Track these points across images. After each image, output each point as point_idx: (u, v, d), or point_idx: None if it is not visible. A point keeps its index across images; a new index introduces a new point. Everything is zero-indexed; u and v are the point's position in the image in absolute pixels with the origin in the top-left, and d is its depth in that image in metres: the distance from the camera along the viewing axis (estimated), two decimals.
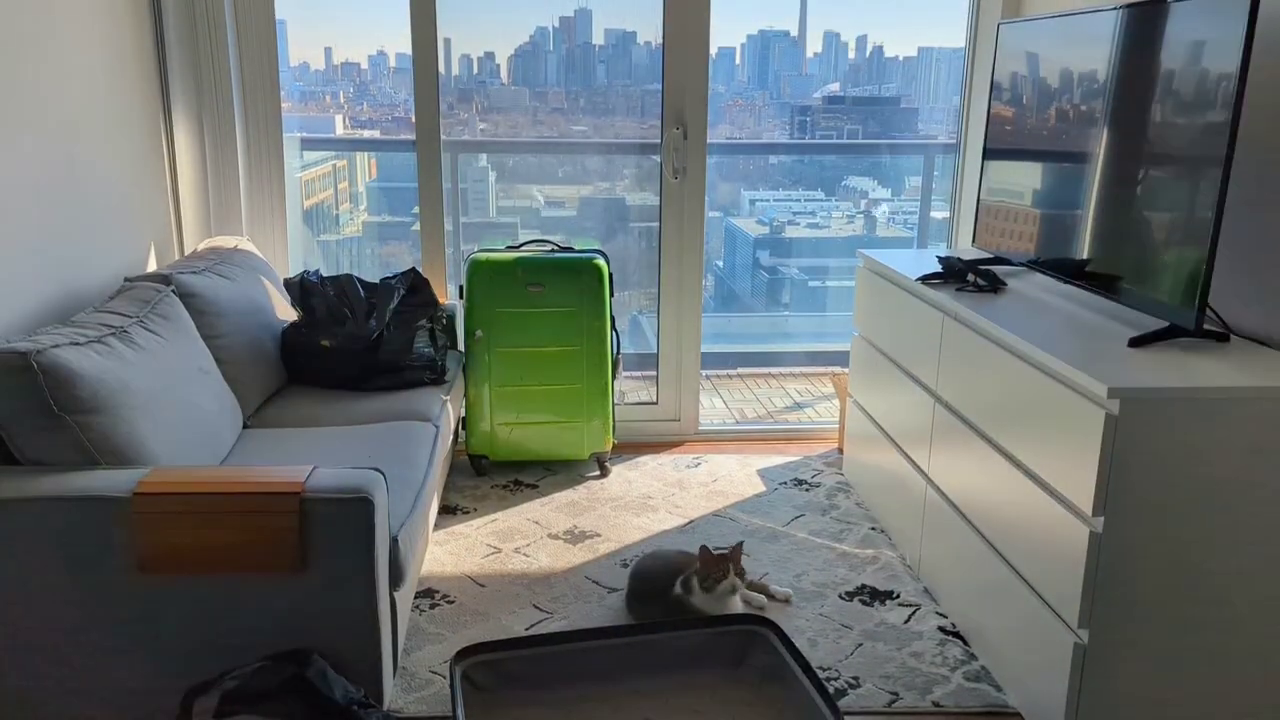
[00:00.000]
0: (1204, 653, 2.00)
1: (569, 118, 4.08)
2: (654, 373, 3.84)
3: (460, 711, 2.08)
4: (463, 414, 3.43)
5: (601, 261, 3.39)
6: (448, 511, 3.18)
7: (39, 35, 2.46)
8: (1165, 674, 2.01)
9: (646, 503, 3.26)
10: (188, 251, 3.28)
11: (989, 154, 3.02)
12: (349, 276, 3.20)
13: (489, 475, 3.46)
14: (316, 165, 4.21)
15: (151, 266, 3.08)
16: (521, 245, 3.51)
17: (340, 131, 4.29)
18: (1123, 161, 2.33)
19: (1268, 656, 2.01)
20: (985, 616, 2.38)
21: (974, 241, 3.11)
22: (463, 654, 2.30)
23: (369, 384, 3.03)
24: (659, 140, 3.63)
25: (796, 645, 2.26)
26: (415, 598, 2.64)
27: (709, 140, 3.60)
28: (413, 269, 3.35)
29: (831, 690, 2.29)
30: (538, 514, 3.18)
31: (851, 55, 4.59)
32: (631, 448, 3.72)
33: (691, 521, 3.14)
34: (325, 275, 3.22)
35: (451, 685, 2.19)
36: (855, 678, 2.35)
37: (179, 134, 3.24)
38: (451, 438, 3.20)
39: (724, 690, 2.22)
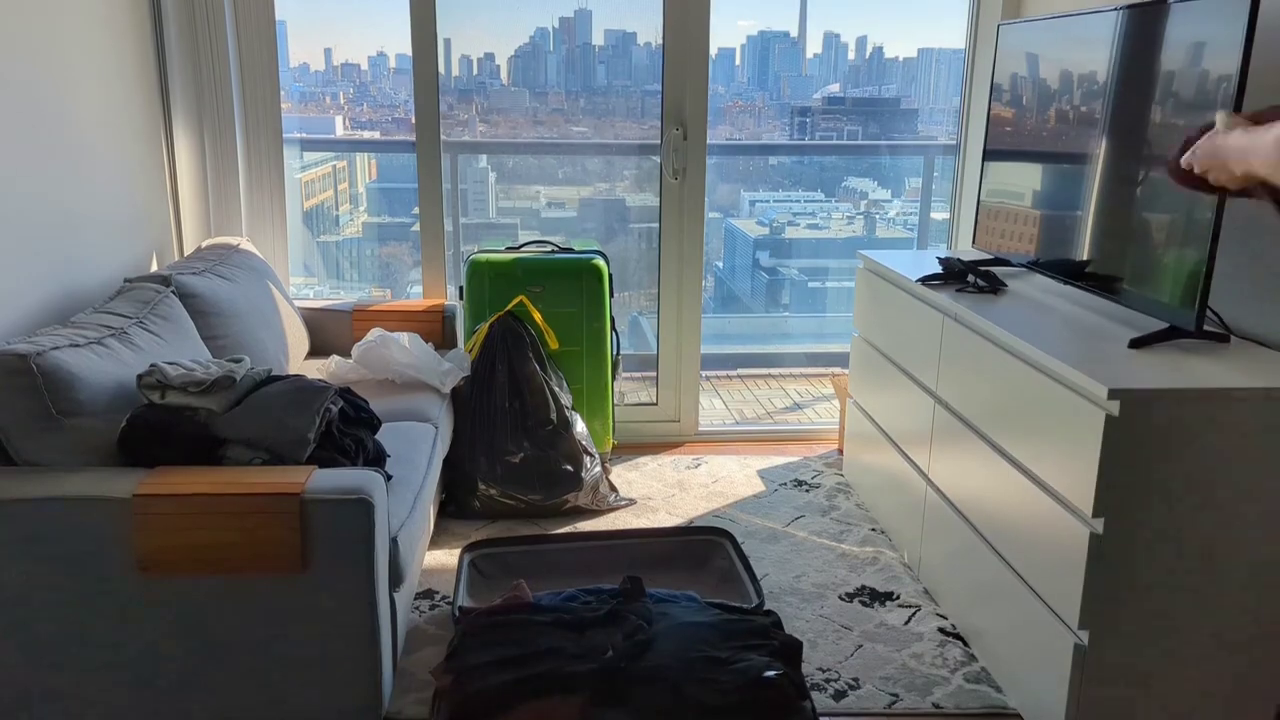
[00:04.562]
0: (1204, 653, 2.00)
1: (569, 119, 4.08)
2: (654, 373, 3.84)
3: (463, 589, 2.55)
4: None
5: (601, 262, 3.38)
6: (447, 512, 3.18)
7: (40, 36, 2.46)
8: (1165, 674, 2.01)
9: (646, 504, 3.26)
10: (188, 252, 3.28)
11: (989, 155, 3.02)
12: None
13: None
14: (316, 166, 4.21)
15: (152, 267, 3.08)
16: (521, 246, 3.51)
17: (340, 132, 4.29)
18: (1123, 162, 2.33)
19: (1268, 657, 2.01)
20: (985, 617, 2.38)
21: (974, 242, 3.11)
22: (471, 546, 2.77)
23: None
24: (659, 141, 3.63)
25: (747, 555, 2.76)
26: (415, 598, 2.64)
27: (709, 141, 3.59)
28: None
29: (832, 692, 2.29)
30: None
31: (851, 56, 4.59)
32: (631, 448, 3.72)
33: (691, 522, 3.13)
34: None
35: (459, 570, 2.64)
36: (855, 679, 2.35)
37: (179, 135, 3.24)
38: (451, 437, 3.19)
39: (688, 587, 2.53)
